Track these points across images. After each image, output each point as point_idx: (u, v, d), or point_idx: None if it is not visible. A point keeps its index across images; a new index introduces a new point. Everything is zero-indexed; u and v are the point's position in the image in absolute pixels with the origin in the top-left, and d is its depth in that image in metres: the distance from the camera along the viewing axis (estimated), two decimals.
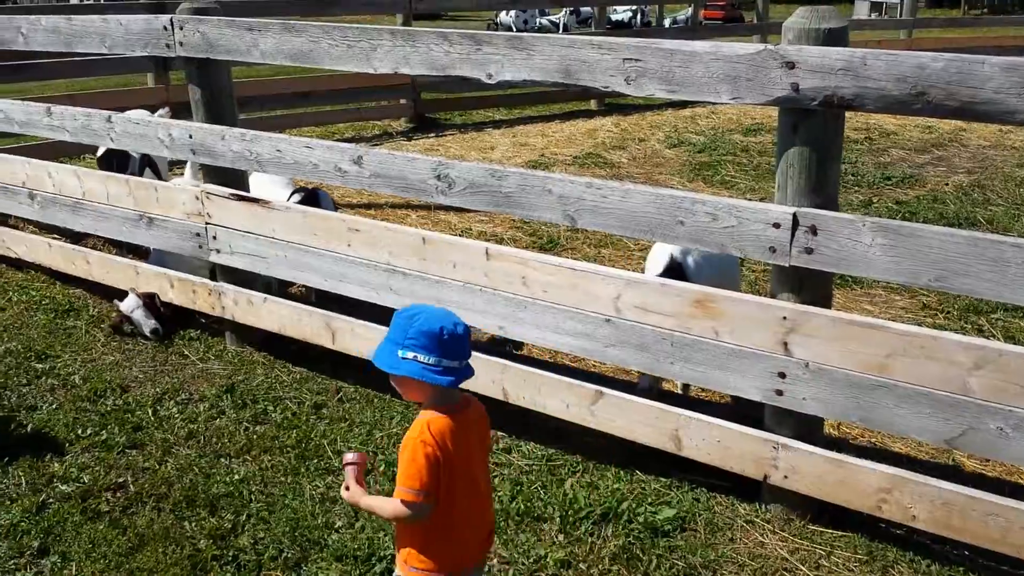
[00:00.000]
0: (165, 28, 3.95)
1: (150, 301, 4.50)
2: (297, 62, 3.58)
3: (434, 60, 3.20)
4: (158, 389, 4.02)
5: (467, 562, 2.13)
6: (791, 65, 2.59)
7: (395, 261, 3.56)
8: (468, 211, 6.73)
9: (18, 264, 5.40)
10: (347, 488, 2.14)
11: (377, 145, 9.44)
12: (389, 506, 2.05)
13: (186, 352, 4.40)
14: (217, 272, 4.34)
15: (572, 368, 4.13)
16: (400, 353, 2.00)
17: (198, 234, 4.21)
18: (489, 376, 3.46)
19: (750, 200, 2.75)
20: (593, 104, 12.15)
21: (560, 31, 23.25)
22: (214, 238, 4.16)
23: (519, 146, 9.52)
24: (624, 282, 3.03)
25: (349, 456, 2.18)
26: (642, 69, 2.79)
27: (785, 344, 2.74)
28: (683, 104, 12.15)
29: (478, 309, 3.37)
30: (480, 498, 2.13)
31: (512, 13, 24.53)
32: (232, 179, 4.16)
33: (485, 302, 3.35)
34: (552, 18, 24.83)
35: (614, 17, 24.65)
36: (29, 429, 3.68)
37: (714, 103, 4.05)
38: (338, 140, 7.84)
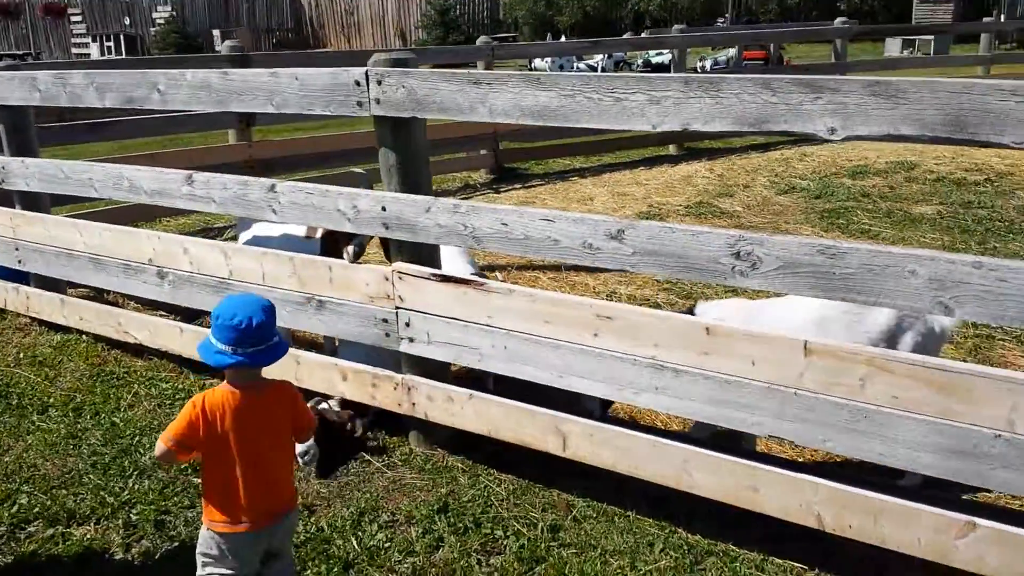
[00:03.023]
0: (357, 83, 3.35)
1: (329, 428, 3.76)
2: (541, 120, 2.96)
3: (746, 114, 2.58)
4: (352, 509, 3.36)
5: (248, 522, 2.40)
6: None
7: (664, 355, 2.92)
8: (605, 271, 6.13)
9: (137, 350, 4.77)
10: None
11: (467, 198, 8.89)
12: (156, 449, 2.41)
13: (366, 456, 3.74)
14: (402, 363, 3.70)
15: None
16: (212, 338, 2.40)
17: (385, 320, 3.58)
18: (796, 499, 2.80)
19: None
20: (672, 149, 11.59)
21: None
22: (406, 325, 3.52)
23: (618, 195, 8.93)
24: (1021, 386, 2.37)
25: None
26: None
27: None
28: (766, 146, 11.63)
29: (790, 417, 2.72)
30: (262, 468, 2.41)
31: (548, 58, 24.14)
32: (421, 256, 3.54)
33: (802, 409, 2.69)
34: (589, 62, 24.43)
35: (654, 60, 24.28)
36: None
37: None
38: None
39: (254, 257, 3.93)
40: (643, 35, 16.30)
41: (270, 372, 3.78)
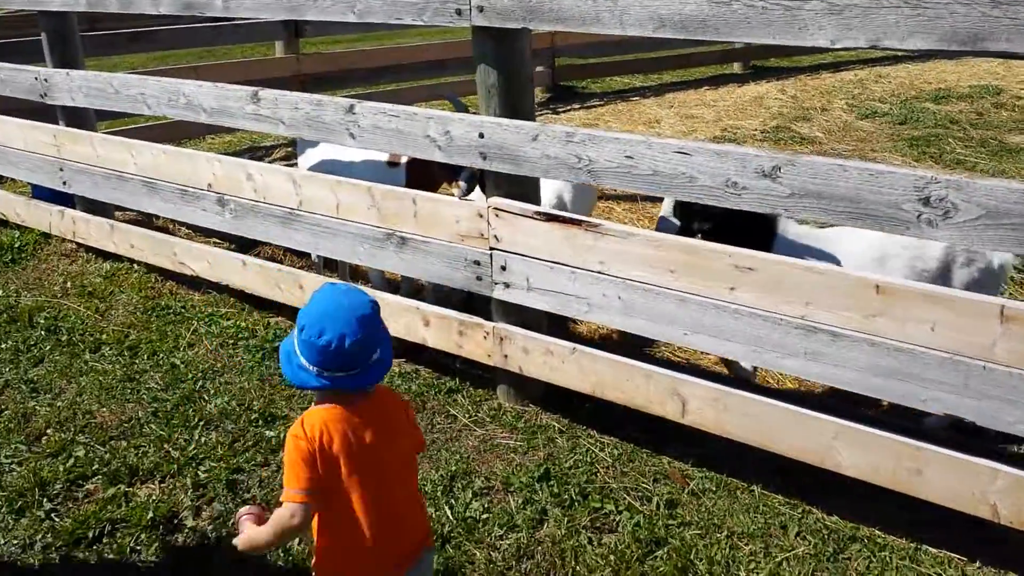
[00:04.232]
0: None
1: None
2: (684, 32, 2.49)
3: (956, 29, 2.09)
4: (441, 471, 3.02)
5: (377, 569, 1.89)
6: None
7: (818, 316, 2.50)
8: None
9: (193, 282, 4.42)
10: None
11: None
12: (275, 521, 1.80)
13: (451, 410, 3.40)
14: (493, 311, 3.32)
15: None
16: (296, 347, 1.84)
17: (477, 262, 3.18)
18: (968, 485, 2.41)
19: None
20: (737, 67, 10.93)
21: None
22: (502, 268, 3.13)
23: (686, 118, 8.37)
24: None
25: (243, 509, 1.92)
26: None
27: None
28: (836, 66, 10.94)
29: (974, 393, 2.31)
30: (389, 497, 1.88)
31: None
32: (522, 191, 3.12)
33: (990, 384, 2.28)
34: None
35: None
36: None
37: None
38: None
39: (328, 186, 3.52)
40: None
41: None
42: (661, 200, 5.91)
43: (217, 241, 4.96)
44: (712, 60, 10.87)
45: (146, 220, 5.20)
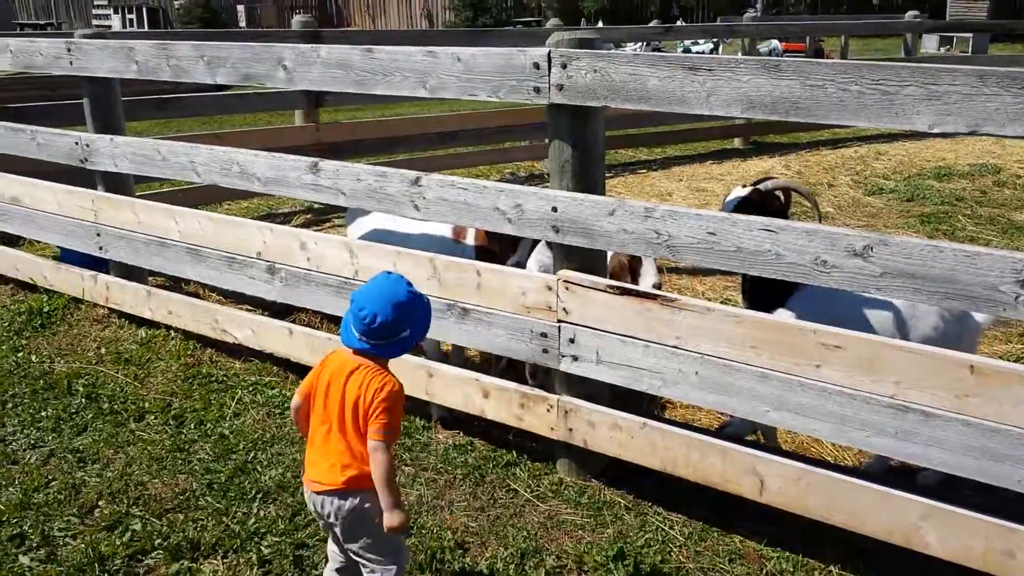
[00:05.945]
0: (536, 66, 2.93)
1: None
2: (774, 114, 2.54)
3: None
4: (510, 549, 2.96)
5: (308, 479, 2.38)
6: None
7: (909, 396, 2.50)
8: (714, 273, 5.70)
9: (233, 350, 4.37)
10: None
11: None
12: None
13: (511, 484, 3.34)
14: (556, 383, 3.30)
15: None
16: (349, 316, 2.37)
17: (543, 334, 3.17)
18: None
19: None
20: (738, 143, 11.14)
21: None
22: (570, 341, 3.12)
23: (696, 191, 8.50)
24: None
25: None
26: None
27: None
28: (835, 143, 11.18)
29: None
30: (324, 435, 2.35)
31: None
32: (593, 265, 3.13)
33: None
34: (625, 50, 23.87)
35: (693, 49, 23.75)
36: None
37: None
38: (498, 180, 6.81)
39: (387, 256, 3.52)
40: (674, 23, 15.68)
41: (401, 374, 3.33)
42: (688, 272, 5.98)
43: (249, 308, 4.92)
44: (714, 136, 11.08)
45: (175, 285, 5.17)
